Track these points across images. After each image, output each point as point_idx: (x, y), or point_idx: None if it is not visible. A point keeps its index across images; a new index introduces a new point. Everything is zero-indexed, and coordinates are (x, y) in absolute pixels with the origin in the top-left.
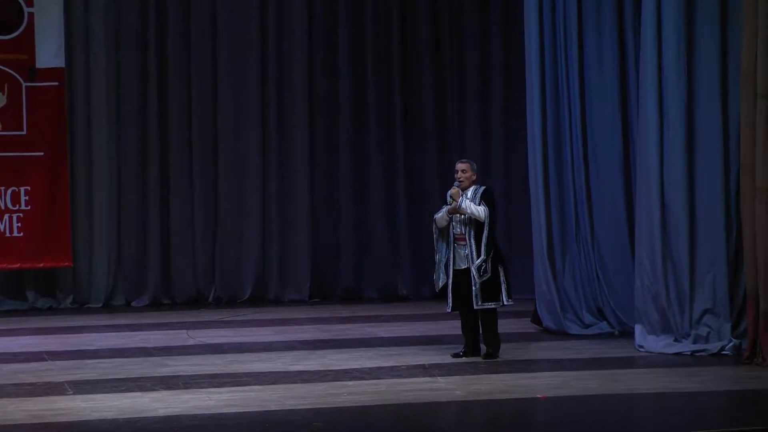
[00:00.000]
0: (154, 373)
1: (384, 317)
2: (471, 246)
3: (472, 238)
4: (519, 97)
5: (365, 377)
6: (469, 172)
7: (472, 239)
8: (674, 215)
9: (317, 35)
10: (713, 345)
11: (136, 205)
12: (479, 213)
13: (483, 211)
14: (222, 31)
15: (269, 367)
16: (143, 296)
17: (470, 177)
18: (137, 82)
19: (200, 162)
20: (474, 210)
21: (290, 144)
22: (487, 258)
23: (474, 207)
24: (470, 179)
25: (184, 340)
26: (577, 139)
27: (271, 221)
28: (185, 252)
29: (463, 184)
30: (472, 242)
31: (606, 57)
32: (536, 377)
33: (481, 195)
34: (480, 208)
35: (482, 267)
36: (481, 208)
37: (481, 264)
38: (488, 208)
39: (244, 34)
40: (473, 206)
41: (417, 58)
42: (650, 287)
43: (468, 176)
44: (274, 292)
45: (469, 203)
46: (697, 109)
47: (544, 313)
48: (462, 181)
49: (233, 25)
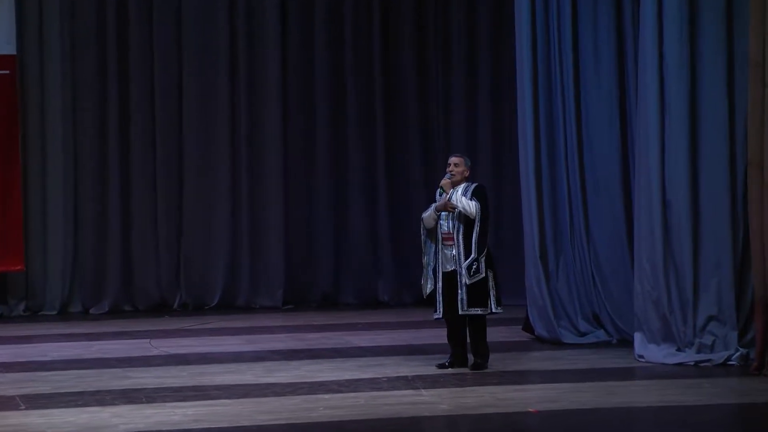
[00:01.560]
0: (113, 386)
1: (363, 325)
2: (459, 245)
3: (460, 236)
4: (508, 88)
5: (342, 390)
6: (462, 167)
7: (460, 237)
8: (676, 214)
9: (291, 21)
10: (718, 355)
11: (94, 204)
12: (470, 208)
13: (474, 206)
14: (188, 22)
15: (239, 379)
16: (102, 303)
17: (463, 172)
18: (95, 73)
19: (164, 158)
20: (465, 204)
21: (262, 142)
22: (479, 257)
23: (465, 201)
24: (462, 174)
25: (146, 350)
26: (572, 133)
27: (241, 221)
28: (148, 254)
29: (454, 177)
30: (460, 241)
31: (602, 43)
32: (527, 390)
33: (472, 192)
34: (471, 203)
35: (473, 266)
36: (472, 203)
37: (472, 263)
38: (480, 205)
39: (212, 23)
40: (464, 200)
41: (399, 50)
42: (651, 292)
43: (460, 171)
44: (244, 298)
45: (461, 197)
46: (700, 100)
47: (536, 320)
48: (454, 174)
49: (200, 14)
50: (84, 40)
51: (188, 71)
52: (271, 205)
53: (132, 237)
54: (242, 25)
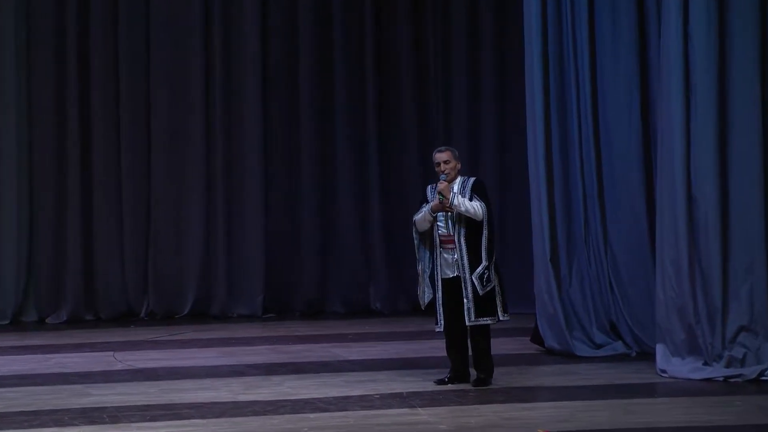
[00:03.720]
0: (73, 404)
1: (352, 336)
2: (462, 249)
3: (462, 240)
4: (516, 75)
5: (330, 409)
6: (452, 162)
7: (462, 241)
8: (703, 213)
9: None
10: (750, 369)
11: (52, 203)
12: (475, 210)
13: (479, 207)
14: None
15: (213, 396)
16: (60, 311)
17: (455, 167)
18: (53, 60)
19: (130, 154)
20: (468, 207)
21: (240, 137)
22: (489, 264)
23: (468, 203)
24: (455, 169)
25: (110, 363)
26: (587, 120)
27: (216, 220)
28: (112, 258)
29: (449, 176)
30: (462, 244)
31: (621, 26)
32: (536, 408)
33: (471, 188)
34: (475, 204)
35: (485, 275)
36: (476, 204)
37: (483, 271)
38: (483, 203)
39: (184, 10)
40: (467, 202)
41: (393, 35)
42: (674, 299)
43: (452, 166)
44: (219, 306)
45: (463, 200)
46: (730, 84)
47: (546, 330)
48: (447, 173)
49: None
50: (41, 33)
51: (157, 62)
52: (250, 203)
53: (94, 238)
54: (218, 10)
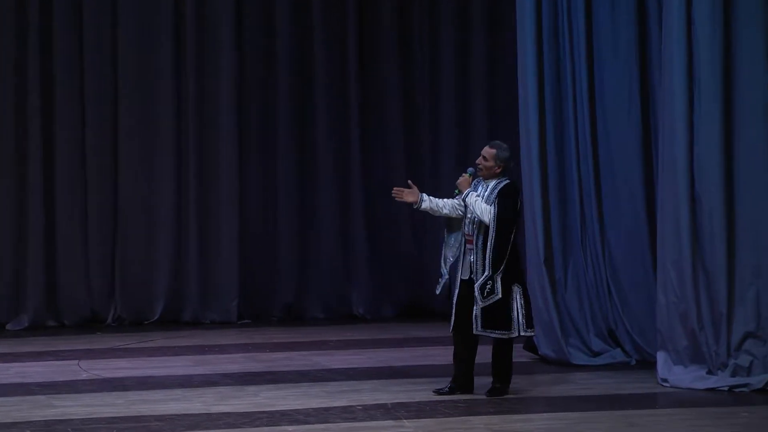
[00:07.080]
0: (35, 416)
1: (334, 343)
2: (477, 253)
3: (479, 243)
4: (507, 62)
5: (309, 421)
6: (491, 162)
7: (479, 244)
8: (707, 212)
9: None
10: (757, 378)
11: (11, 201)
12: (482, 213)
13: (488, 211)
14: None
15: (185, 408)
16: (20, 317)
17: (491, 167)
18: (14, 47)
19: (95, 148)
20: (476, 208)
21: (214, 133)
22: (493, 275)
23: (479, 204)
24: (491, 170)
25: (74, 373)
26: (583, 113)
27: (188, 220)
28: (76, 260)
29: (480, 173)
30: (479, 248)
31: (620, 10)
32: (530, 420)
33: (498, 192)
34: (485, 207)
35: (486, 286)
36: (486, 207)
37: (486, 282)
38: (498, 209)
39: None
40: (479, 203)
41: (377, 22)
42: (677, 304)
43: (489, 166)
44: (191, 311)
45: (476, 199)
46: (736, 74)
47: (540, 337)
48: (481, 168)
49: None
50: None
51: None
52: (224, 201)
53: (57, 238)
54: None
